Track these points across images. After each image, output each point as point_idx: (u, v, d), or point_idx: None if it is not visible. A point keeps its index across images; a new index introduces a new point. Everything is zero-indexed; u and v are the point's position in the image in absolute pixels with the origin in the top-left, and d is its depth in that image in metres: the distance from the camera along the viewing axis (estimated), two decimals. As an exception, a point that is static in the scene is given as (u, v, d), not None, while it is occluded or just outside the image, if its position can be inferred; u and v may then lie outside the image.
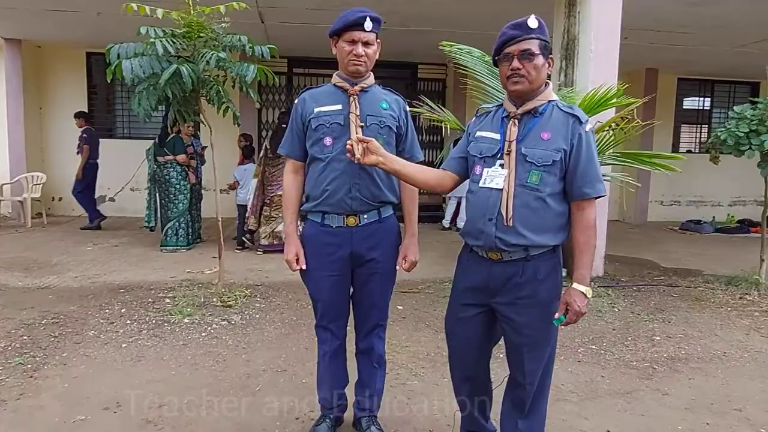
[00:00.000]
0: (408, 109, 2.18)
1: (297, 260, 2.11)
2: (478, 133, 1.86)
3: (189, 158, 6.45)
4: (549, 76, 1.81)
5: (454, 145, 2.13)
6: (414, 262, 2.17)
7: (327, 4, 6.29)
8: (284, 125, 3.13)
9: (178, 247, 6.34)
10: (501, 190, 1.73)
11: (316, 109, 2.04)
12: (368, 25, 1.96)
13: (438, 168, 2.02)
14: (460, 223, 7.80)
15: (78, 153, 7.78)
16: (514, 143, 1.74)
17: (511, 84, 1.74)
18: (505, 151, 1.75)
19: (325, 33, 2.19)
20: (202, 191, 7.05)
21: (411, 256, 2.16)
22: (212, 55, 3.84)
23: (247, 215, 6.37)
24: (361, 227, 2.06)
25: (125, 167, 8.36)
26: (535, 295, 1.77)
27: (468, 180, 1.94)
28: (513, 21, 1.75)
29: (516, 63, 1.70)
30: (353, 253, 2.06)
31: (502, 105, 1.88)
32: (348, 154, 1.88)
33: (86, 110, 8.61)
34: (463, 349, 1.96)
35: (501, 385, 1.98)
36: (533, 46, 1.70)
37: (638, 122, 4.53)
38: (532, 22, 1.72)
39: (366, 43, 1.98)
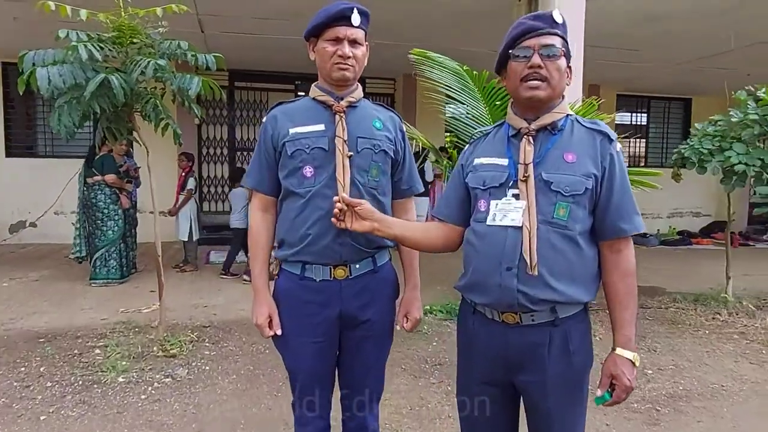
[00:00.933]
0: (405, 128, 1.78)
1: (270, 324, 1.64)
2: (477, 161, 1.48)
3: (122, 179, 5.76)
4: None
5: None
6: (417, 320, 1.76)
7: (274, 13, 5.84)
8: None
9: (110, 281, 5.60)
10: (520, 228, 1.34)
11: (292, 131, 1.60)
12: (356, 18, 1.55)
13: (432, 219, 1.64)
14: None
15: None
16: (531, 166, 1.37)
17: (527, 88, 1.36)
18: (520, 177, 1.37)
19: (270, 44, 1.77)
20: (137, 215, 6.36)
21: (414, 313, 1.75)
22: (149, 63, 3.29)
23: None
24: (352, 280, 1.63)
25: (48, 189, 7.49)
26: (567, 372, 1.40)
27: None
28: (531, 13, 1.40)
29: (537, 59, 1.34)
30: (342, 313, 1.63)
31: (502, 124, 1.52)
32: (334, 219, 1.50)
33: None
34: None
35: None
36: (557, 43, 1.36)
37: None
38: (557, 16, 1.38)
39: (354, 42, 1.57)
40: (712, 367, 3.55)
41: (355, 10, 1.55)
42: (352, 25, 1.55)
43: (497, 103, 3.86)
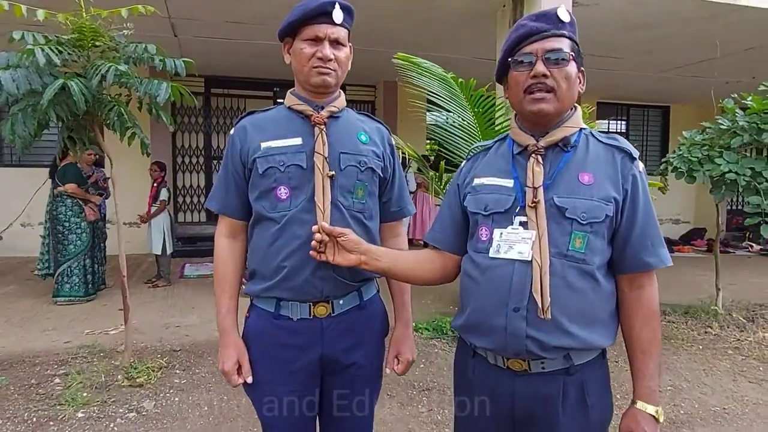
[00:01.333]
0: (393, 141, 1.57)
1: (239, 370, 1.41)
2: (477, 181, 1.28)
3: (86, 190, 5.43)
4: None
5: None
6: (410, 362, 1.54)
7: (250, 17, 5.60)
8: None
9: (73, 298, 5.25)
10: (529, 262, 1.15)
11: (264, 145, 1.38)
12: (338, 15, 1.34)
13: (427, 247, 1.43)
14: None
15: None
16: (541, 190, 1.17)
17: (531, 101, 1.17)
18: (529, 203, 1.17)
19: (247, 50, 1.55)
20: (107, 227, 6.05)
21: (407, 353, 1.53)
22: (109, 68, 3.03)
23: None
24: (335, 318, 1.41)
25: (14, 199, 7.09)
26: (583, 429, 1.21)
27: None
28: (533, 12, 1.22)
29: (541, 67, 1.15)
30: (324, 356, 1.40)
31: (505, 138, 1.33)
32: (313, 252, 1.29)
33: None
34: None
35: None
36: (565, 46, 1.17)
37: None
38: (564, 14, 1.18)
39: (336, 43, 1.36)
40: (711, 387, 3.40)
41: (337, 5, 1.34)
42: (333, 23, 1.34)
43: (478, 110, 3.70)
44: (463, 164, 1.40)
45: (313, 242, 1.28)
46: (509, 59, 1.22)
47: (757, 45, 6.85)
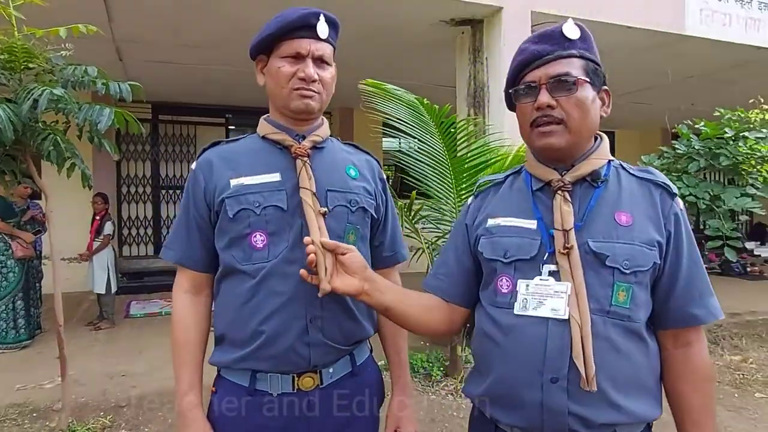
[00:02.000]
0: (384, 175, 1.36)
1: None
2: (492, 222, 1.11)
3: (20, 225, 4.94)
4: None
5: None
6: None
7: (201, 40, 5.35)
8: None
9: (1, 346, 4.71)
10: (566, 321, 0.97)
11: (235, 182, 1.16)
12: (323, 28, 1.15)
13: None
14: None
15: None
16: (572, 234, 1.00)
17: (538, 136, 1.03)
18: (560, 249, 1.00)
19: (198, 75, 1.34)
20: (43, 264, 5.51)
21: (407, 427, 1.30)
22: (43, 92, 2.71)
23: None
24: (324, 391, 1.17)
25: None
26: None
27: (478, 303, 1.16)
28: (538, 32, 1.06)
29: (545, 97, 1.01)
30: None
31: (519, 171, 1.16)
32: (303, 272, 1.07)
33: None
34: None
35: None
36: (573, 68, 1.02)
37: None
38: (570, 30, 1.04)
39: (320, 61, 1.16)
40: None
41: (322, 17, 1.15)
42: (317, 38, 1.15)
43: (447, 137, 3.58)
44: (469, 201, 1.22)
45: (310, 257, 1.04)
46: (511, 90, 1.08)
47: (698, 74, 7.17)
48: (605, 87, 1.08)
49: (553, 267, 1.01)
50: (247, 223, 1.13)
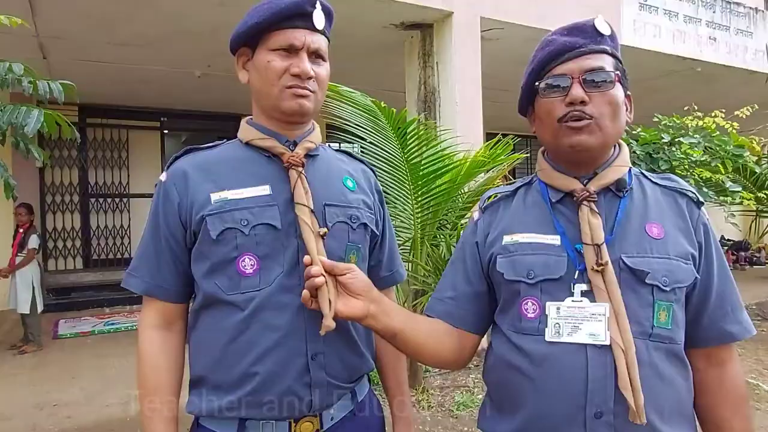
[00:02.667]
0: (380, 186, 1.23)
1: None
2: (509, 238, 1.00)
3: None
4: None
5: None
6: None
7: (134, 38, 5.01)
8: None
9: None
10: (608, 347, 0.88)
11: (217, 197, 0.99)
12: (319, 18, 1.01)
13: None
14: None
15: None
16: (605, 249, 0.91)
17: (568, 132, 0.92)
18: (593, 266, 0.90)
19: (130, 75, 1.18)
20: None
21: None
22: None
23: None
24: None
25: None
26: None
27: (492, 330, 1.06)
28: (566, 25, 0.98)
29: (578, 92, 0.91)
30: None
31: (530, 182, 1.07)
32: (306, 295, 0.91)
33: None
34: None
35: None
36: (608, 64, 0.94)
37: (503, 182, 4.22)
38: (602, 25, 0.96)
39: (315, 55, 1.02)
40: None
41: (318, 5, 1.01)
42: (314, 28, 1.01)
43: (405, 141, 3.50)
44: (475, 216, 1.11)
45: (311, 281, 0.90)
46: (536, 84, 0.98)
47: (630, 81, 7.52)
48: (629, 92, 1.01)
49: (585, 287, 0.92)
50: (233, 245, 0.97)
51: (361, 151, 3.70)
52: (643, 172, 1.05)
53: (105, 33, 4.87)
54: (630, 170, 1.01)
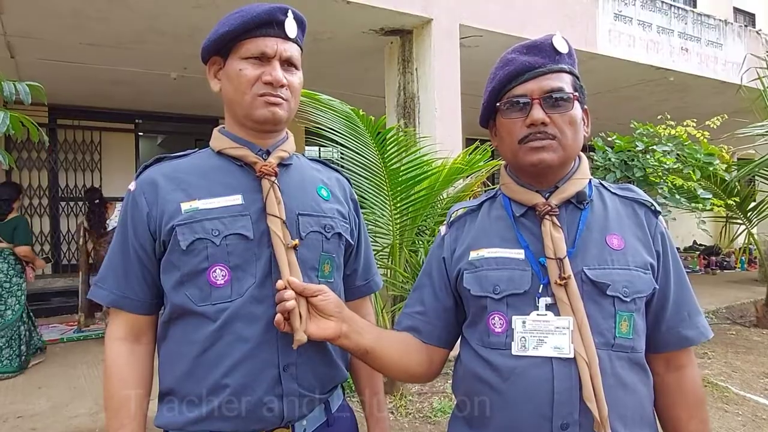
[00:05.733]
0: (355, 195, 1.22)
1: None
2: (475, 254, 1.01)
3: None
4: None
5: None
6: None
7: (107, 38, 4.90)
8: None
9: None
10: (572, 359, 0.89)
11: (187, 206, 0.97)
12: (291, 26, 1.01)
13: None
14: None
15: None
16: (567, 262, 0.92)
17: (529, 152, 0.95)
18: (556, 280, 0.92)
19: (103, 76, 1.17)
20: None
21: None
22: None
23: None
24: None
25: None
26: None
27: (461, 341, 1.07)
28: (522, 43, 0.99)
29: (539, 113, 0.93)
30: None
31: (495, 196, 1.08)
32: (279, 319, 0.90)
33: None
34: None
35: None
36: (566, 84, 0.96)
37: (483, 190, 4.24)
38: (560, 43, 0.98)
39: (288, 63, 1.01)
40: None
41: (290, 13, 1.00)
42: (286, 37, 1.00)
43: (384, 148, 3.49)
44: (442, 231, 1.11)
45: (283, 305, 0.89)
46: (497, 103, 0.98)
47: (604, 89, 7.67)
48: (585, 106, 1.03)
49: (549, 300, 0.93)
50: (204, 256, 0.94)
51: (340, 157, 3.68)
52: (602, 182, 1.07)
53: (77, 32, 4.75)
54: (590, 182, 1.03)
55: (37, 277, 7.18)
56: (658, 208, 1.03)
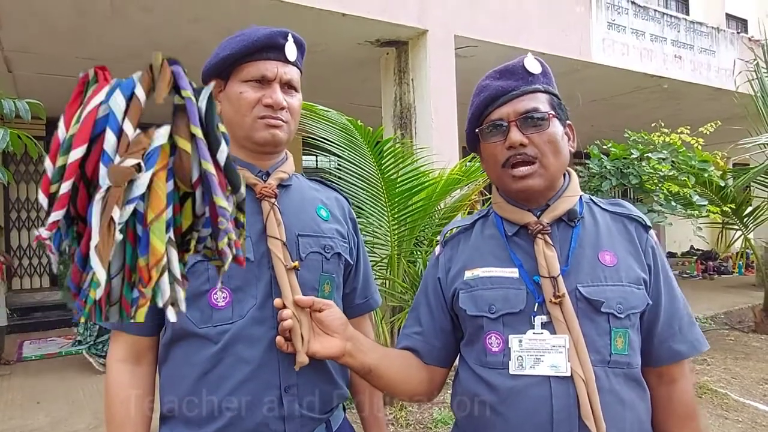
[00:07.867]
0: (354, 214, 1.23)
1: None
2: (470, 273, 1.01)
3: None
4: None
5: None
6: None
7: (105, 53, 4.93)
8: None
9: None
10: (569, 378, 0.90)
11: None
12: (291, 50, 1.02)
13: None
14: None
15: None
16: (561, 280, 0.93)
17: (513, 179, 0.96)
18: (550, 298, 0.92)
19: None
20: None
21: None
22: None
23: None
24: None
25: None
26: None
27: (460, 360, 1.07)
28: (496, 68, 1.01)
29: (516, 135, 0.94)
30: None
31: (487, 215, 1.09)
32: (280, 339, 0.92)
33: None
34: None
35: None
36: (540, 103, 0.96)
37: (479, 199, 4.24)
38: (532, 65, 0.99)
39: (288, 86, 1.03)
40: None
41: (290, 37, 1.02)
42: (286, 60, 1.01)
43: (382, 159, 3.51)
44: (436, 251, 1.12)
45: (285, 323, 0.90)
46: (477, 130, 1.00)
47: (599, 98, 7.72)
48: (569, 121, 1.04)
49: (545, 318, 0.94)
50: (205, 278, 0.95)
51: (338, 168, 3.70)
52: (593, 198, 1.07)
53: (74, 47, 4.78)
54: (581, 198, 1.04)
55: (33, 290, 7.19)
56: (649, 223, 1.04)
